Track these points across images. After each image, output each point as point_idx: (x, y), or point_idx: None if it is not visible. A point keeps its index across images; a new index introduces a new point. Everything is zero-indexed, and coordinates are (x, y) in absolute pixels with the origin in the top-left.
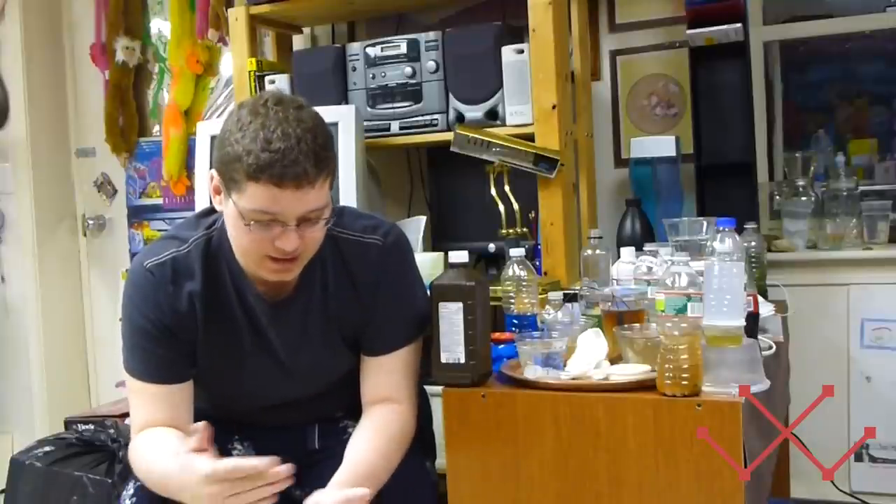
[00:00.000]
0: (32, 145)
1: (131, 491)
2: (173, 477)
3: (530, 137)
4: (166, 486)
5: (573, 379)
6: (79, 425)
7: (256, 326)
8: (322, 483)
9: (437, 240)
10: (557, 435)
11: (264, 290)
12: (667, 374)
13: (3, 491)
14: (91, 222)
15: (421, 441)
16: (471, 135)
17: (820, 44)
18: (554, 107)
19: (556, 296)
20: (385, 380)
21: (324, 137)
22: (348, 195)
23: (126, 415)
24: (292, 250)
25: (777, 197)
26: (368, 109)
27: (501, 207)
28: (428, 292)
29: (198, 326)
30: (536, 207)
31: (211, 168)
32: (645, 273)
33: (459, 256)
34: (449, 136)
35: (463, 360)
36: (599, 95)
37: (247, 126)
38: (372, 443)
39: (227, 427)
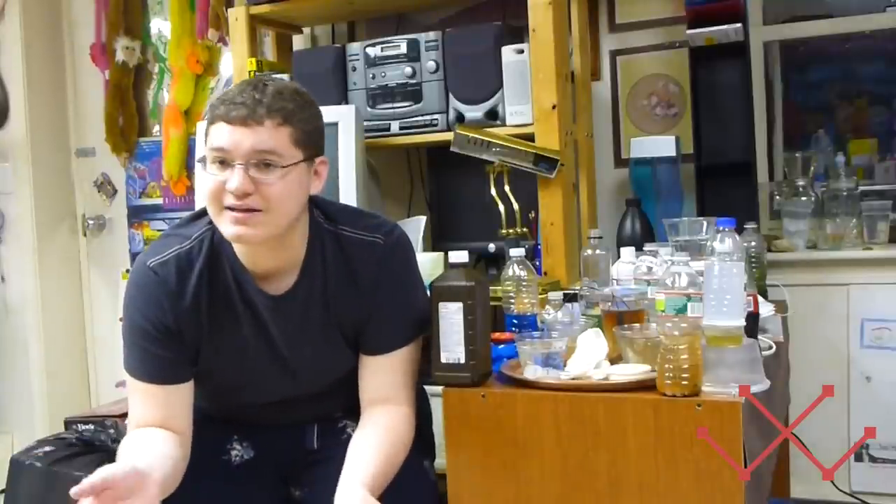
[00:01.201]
0: (32, 145)
1: None
2: None
3: (530, 137)
4: None
5: (573, 379)
6: (79, 425)
7: (258, 320)
8: (321, 483)
9: (437, 240)
10: (557, 435)
11: (265, 284)
12: (667, 374)
13: (3, 491)
14: (91, 222)
15: (420, 441)
16: (471, 135)
17: (820, 44)
18: (554, 107)
19: (556, 296)
20: (385, 380)
21: (295, 97)
22: (348, 195)
23: (126, 415)
24: (239, 191)
25: (777, 197)
26: (368, 109)
27: (501, 207)
28: (428, 292)
29: (201, 322)
30: (536, 207)
31: None
32: (645, 273)
33: (459, 256)
34: (449, 136)
35: (463, 360)
36: (599, 95)
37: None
38: (381, 447)
39: (226, 427)
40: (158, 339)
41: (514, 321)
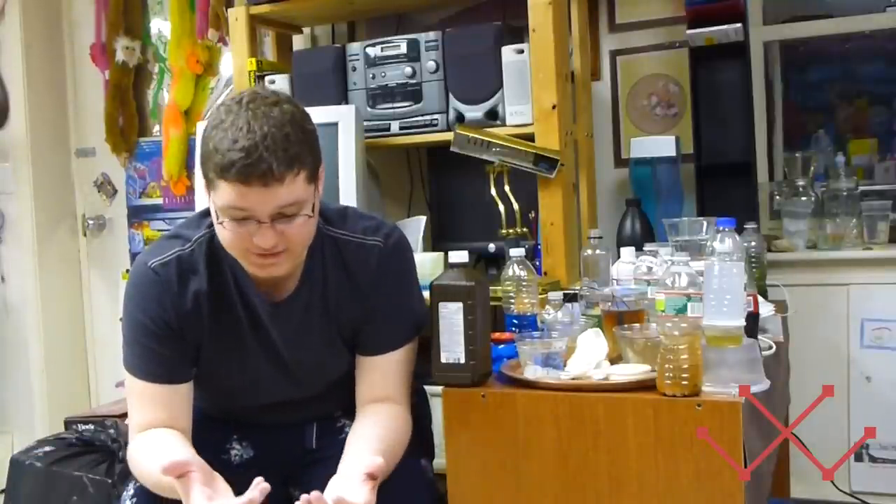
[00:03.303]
0: (32, 145)
1: (131, 491)
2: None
3: (530, 137)
4: (163, 491)
5: (573, 379)
6: (79, 425)
7: (258, 324)
8: (319, 483)
9: (437, 240)
10: (557, 435)
11: (265, 290)
12: (667, 374)
13: (3, 491)
14: (91, 222)
15: (419, 440)
16: (471, 135)
17: (820, 44)
18: (554, 107)
19: (556, 296)
20: (381, 380)
21: (298, 133)
22: (348, 195)
23: (126, 415)
24: (269, 247)
25: (777, 197)
26: (368, 109)
27: (501, 207)
28: (425, 294)
29: (203, 325)
30: (536, 207)
31: None
32: (645, 273)
33: (459, 256)
34: (449, 136)
35: (463, 360)
36: (599, 95)
37: (219, 124)
38: (380, 439)
39: (226, 427)
40: (159, 336)
41: (514, 321)
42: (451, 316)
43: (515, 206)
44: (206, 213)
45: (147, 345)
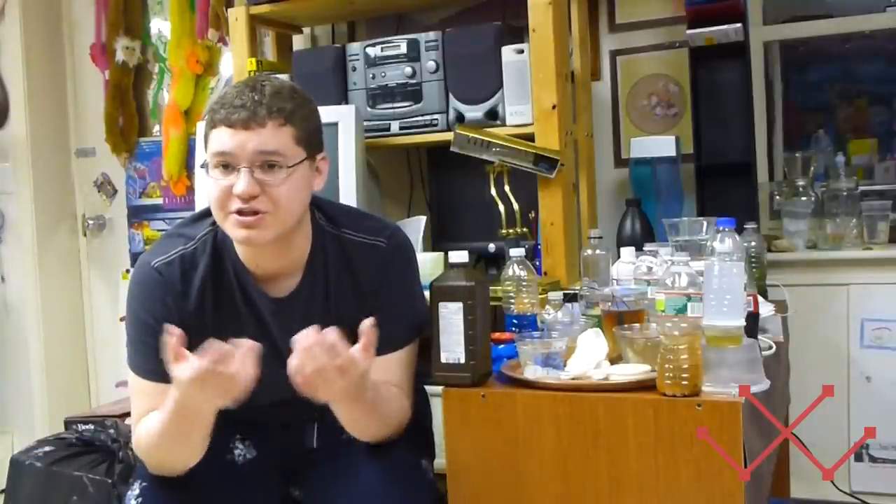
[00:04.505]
0: (32, 145)
1: (137, 491)
2: (169, 416)
3: (530, 137)
4: (169, 436)
5: (573, 379)
6: (79, 425)
7: (260, 322)
8: (319, 484)
9: (437, 240)
10: (557, 435)
11: (267, 286)
12: (667, 374)
13: (3, 491)
14: (91, 222)
15: (419, 440)
16: (471, 135)
17: (820, 44)
18: (554, 107)
19: (556, 296)
20: (381, 381)
21: (294, 97)
22: (348, 195)
23: (126, 415)
24: (247, 194)
25: (777, 197)
26: (368, 109)
27: (501, 207)
28: (427, 293)
29: (206, 322)
30: (536, 207)
31: None
32: (645, 273)
33: (459, 256)
34: (449, 136)
35: (463, 360)
36: (599, 95)
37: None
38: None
39: (228, 427)
40: (163, 336)
41: (514, 321)
42: (451, 316)
43: (515, 206)
44: (207, 212)
45: (151, 344)
